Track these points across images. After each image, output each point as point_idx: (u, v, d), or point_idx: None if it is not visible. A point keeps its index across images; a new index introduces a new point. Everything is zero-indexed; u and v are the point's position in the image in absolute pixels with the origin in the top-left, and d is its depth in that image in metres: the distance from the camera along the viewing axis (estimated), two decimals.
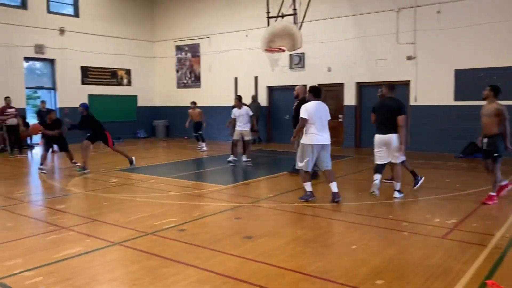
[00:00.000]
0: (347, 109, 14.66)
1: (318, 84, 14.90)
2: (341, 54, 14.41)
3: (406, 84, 13.40)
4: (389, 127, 6.75)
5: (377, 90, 8.22)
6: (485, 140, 6.59)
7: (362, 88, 14.46)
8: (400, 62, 13.38)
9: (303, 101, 7.46)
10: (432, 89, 12.92)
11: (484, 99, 6.71)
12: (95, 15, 17.55)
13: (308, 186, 6.74)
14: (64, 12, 16.82)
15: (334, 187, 6.69)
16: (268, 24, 13.00)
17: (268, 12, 13.25)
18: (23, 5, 15.50)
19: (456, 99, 12.51)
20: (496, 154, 6.47)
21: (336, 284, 3.75)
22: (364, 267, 4.11)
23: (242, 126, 10.82)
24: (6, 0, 15.17)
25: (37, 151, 14.61)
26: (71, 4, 16.98)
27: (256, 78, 16.59)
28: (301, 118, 6.50)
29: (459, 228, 5.40)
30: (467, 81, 12.20)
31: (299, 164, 6.66)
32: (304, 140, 6.58)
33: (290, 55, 15.24)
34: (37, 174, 9.83)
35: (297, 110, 7.19)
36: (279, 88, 16.17)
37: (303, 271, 4.03)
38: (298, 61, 15.35)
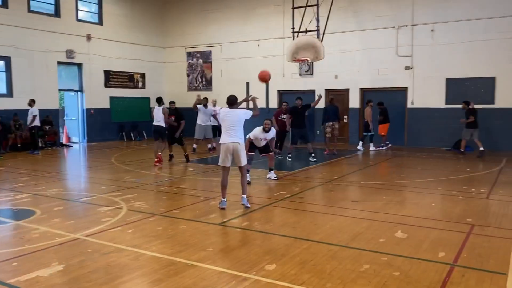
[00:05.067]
0: (352, 111, 16.95)
1: (326, 90, 17.32)
2: (347, 64, 16.69)
3: (404, 90, 15.90)
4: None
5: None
6: None
7: (365, 93, 16.81)
8: (399, 71, 15.83)
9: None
10: (427, 95, 15.45)
11: None
12: (116, 22, 18.91)
13: None
14: (91, 20, 18.08)
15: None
16: (293, 38, 15.07)
17: (293, 28, 15.31)
18: (57, 14, 16.67)
19: (447, 102, 15.08)
20: None
21: None
22: None
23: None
24: (43, 9, 16.29)
25: None
26: (96, 13, 18.26)
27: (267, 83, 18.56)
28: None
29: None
30: (456, 88, 14.82)
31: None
32: None
33: (300, 63, 17.34)
34: None
35: None
36: (289, 92, 18.22)
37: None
38: (307, 69, 17.49)
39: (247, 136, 8.47)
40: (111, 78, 18.83)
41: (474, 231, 5.55)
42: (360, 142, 15.08)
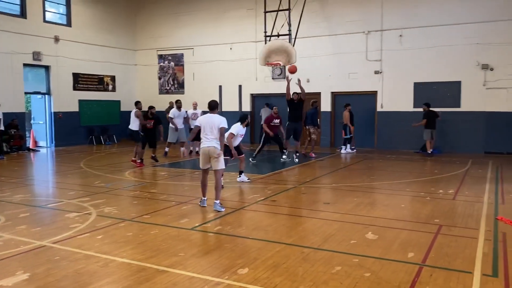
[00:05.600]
0: (323, 114, 17.13)
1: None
2: (319, 68, 16.87)
3: (373, 94, 16.20)
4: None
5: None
6: None
7: (336, 96, 17.03)
8: (368, 75, 16.12)
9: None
10: (395, 98, 15.79)
11: None
12: (85, 24, 18.52)
13: None
14: (59, 21, 17.66)
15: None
16: (266, 42, 15.13)
17: (265, 31, 15.37)
18: (22, 14, 16.19)
19: (414, 106, 15.43)
20: None
21: None
22: None
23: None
24: (8, 9, 15.80)
25: None
26: (64, 14, 17.85)
27: (240, 86, 18.56)
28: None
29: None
30: (424, 91, 15.19)
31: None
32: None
33: (272, 67, 17.42)
34: None
35: None
36: (261, 96, 18.29)
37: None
38: (279, 73, 17.54)
39: (229, 132, 8.72)
40: (80, 81, 18.41)
41: (441, 231, 5.69)
42: (348, 145, 15.24)
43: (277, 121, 12.44)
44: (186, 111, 14.43)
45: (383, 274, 4.25)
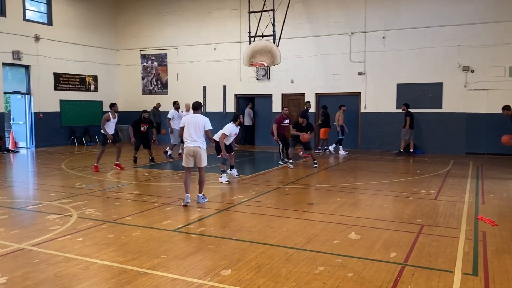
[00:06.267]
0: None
1: (282, 94, 17.50)
2: (303, 69, 16.93)
3: (357, 95, 16.32)
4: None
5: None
6: None
7: (320, 97, 17.10)
8: (352, 76, 16.23)
9: None
10: (378, 99, 15.93)
11: None
12: (66, 23, 18.26)
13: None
14: (39, 20, 17.36)
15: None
16: (250, 43, 15.11)
17: (249, 32, 15.35)
18: (1, 12, 15.87)
19: (397, 107, 15.57)
20: None
21: None
22: None
23: None
24: None
25: None
26: (45, 13, 17.55)
27: (224, 87, 18.50)
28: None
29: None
30: (406, 93, 15.36)
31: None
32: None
33: (257, 67, 17.43)
34: None
35: None
36: (246, 96, 18.28)
37: None
38: (264, 73, 17.59)
39: (221, 132, 9.26)
40: (61, 80, 18.13)
41: (423, 231, 5.75)
42: (340, 146, 15.28)
43: (286, 121, 12.51)
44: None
45: (365, 274, 4.27)
